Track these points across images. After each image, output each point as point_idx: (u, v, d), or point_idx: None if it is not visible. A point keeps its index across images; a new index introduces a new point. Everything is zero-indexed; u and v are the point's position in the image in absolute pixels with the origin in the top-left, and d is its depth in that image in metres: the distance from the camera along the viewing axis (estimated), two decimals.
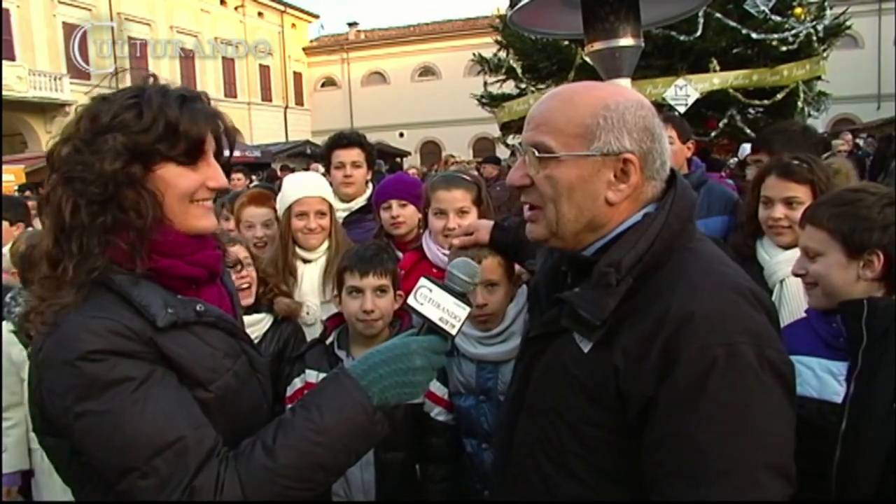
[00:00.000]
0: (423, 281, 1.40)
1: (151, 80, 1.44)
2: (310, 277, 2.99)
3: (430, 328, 1.40)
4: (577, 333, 1.32)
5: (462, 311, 1.39)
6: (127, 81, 1.72)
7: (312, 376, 2.32)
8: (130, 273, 1.34)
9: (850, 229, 1.79)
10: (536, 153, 1.36)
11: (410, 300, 1.39)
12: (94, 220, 1.32)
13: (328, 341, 2.42)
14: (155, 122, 1.34)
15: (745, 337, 1.19)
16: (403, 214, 3.18)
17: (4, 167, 14.08)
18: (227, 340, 1.47)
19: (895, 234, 1.74)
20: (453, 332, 1.39)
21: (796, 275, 1.94)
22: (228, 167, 1.54)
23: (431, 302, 1.39)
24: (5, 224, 4.97)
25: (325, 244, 3.03)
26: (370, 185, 3.95)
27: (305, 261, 3.01)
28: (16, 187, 13.22)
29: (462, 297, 1.41)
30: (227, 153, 1.52)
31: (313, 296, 2.96)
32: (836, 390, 1.76)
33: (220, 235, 1.63)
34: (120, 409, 1.24)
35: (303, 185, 3.11)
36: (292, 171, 16.40)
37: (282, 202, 3.09)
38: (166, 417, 1.26)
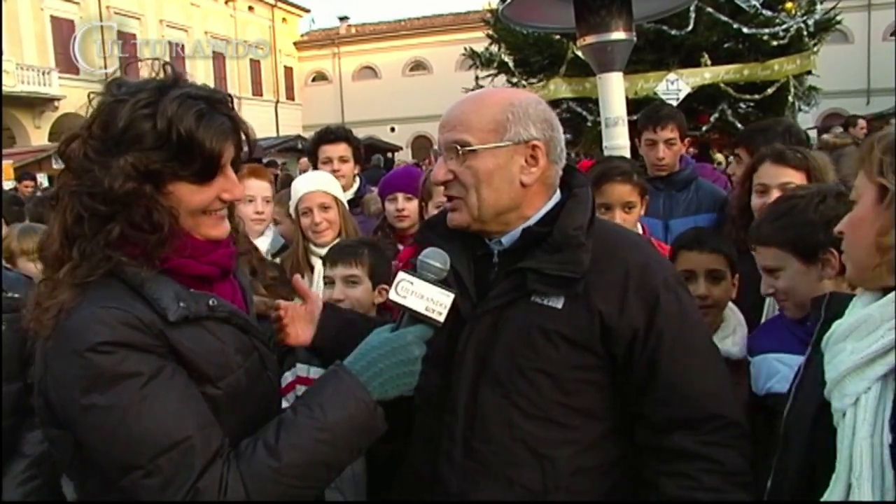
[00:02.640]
0: (401, 275, 1.42)
1: (170, 75, 1.37)
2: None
3: (414, 318, 1.41)
4: (543, 296, 1.53)
5: (447, 297, 1.42)
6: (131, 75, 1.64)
7: (303, 370, 2.30)
8: (144, 268, 1.32)
9: (796, 237, 1.82)
10: (459, 149, 1.55)
11: (392, 295, 1.41)
12: (97, 232, 1.29)
13: None
14: (168, 139, 1.28)
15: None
16: (409, 208, 3.20)
17: None
18: (238, 336, 1.44)
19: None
20: (441, 319, 1.41)
21: (766, 294, 1.98)
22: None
23: (414, 294, 1.40)
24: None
25: (338, 239, 2.99)
26: (358, 180, 3.97)
27: (319, 256, 2.97)
28: (7, 183, 13.07)
29: (441, 283, 1.43)
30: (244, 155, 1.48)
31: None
32: None
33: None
34: (127, 404, 1.21)
35: (304, 183, 3.14)
36: (280, 166, 16.33)
37: (291, 203, 3.13)
38: (173, 416, 1.24)
